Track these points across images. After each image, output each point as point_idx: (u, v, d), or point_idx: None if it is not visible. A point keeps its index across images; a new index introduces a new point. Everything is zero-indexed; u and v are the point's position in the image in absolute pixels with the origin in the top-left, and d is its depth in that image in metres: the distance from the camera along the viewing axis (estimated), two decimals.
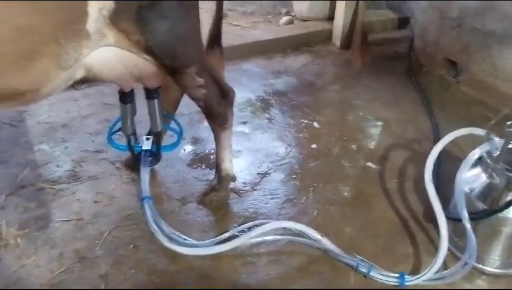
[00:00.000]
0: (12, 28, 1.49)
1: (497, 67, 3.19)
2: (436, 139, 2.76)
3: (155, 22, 1.77)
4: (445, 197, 2.03)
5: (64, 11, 1.57)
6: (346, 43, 4.02)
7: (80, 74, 1.87)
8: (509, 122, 1.75)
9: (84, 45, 1.69)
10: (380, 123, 3.08)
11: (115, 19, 1.69)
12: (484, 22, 3.22)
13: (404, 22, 4.48)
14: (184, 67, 1.97)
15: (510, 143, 1.77)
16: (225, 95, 2.18)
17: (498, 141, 1.84)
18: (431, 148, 1.99)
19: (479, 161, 1.92)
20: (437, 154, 1.95)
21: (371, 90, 3.51)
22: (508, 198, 1.81)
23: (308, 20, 4.37)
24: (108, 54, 1.82)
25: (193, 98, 2.13)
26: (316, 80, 3.66)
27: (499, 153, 1.82)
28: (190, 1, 1.91)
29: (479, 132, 1.91)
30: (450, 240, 2.00)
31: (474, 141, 1.95)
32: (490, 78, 3.25)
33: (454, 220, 1.92)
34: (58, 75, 1.71)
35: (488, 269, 1.97)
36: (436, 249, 1.92)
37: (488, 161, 1.86)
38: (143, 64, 1.92)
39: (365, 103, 3.33)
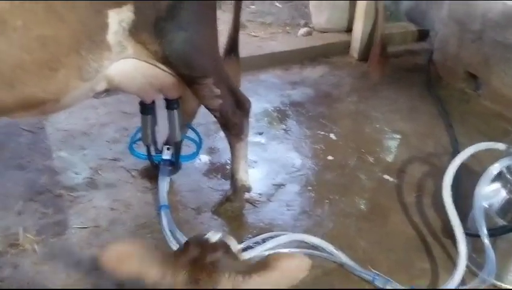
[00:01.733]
0: (36, 37, 1.53)
1: None
2: (455, 153, 2.70)
3: (173, 32, 1.79)
4: (464, 213, 1.99)
5: (85, 22, 1.60)
6: (364, 55, 3.99)
7: (101, 86, 1.90)
8: None
9: (105, 57, 1.71)
10: (397, 136, 3.05)
11: (134, 31, 1.71)
12: (505, 35, 3.17)
13: (424, 35, 4.45)
14: (201, 78, 1.99)
15: None
16: (241, 105, 2.19)
17: None
18: (450, 163, 1.96)
19: (499, 176, 1.88)
20: (456, 168, 1.92)
21: (389, 102, 3.48)
22: None
23: (327, 32, 4.36)
24: (129, 66, 1.85)
25: (209, 109, 2.14)
26: (333, 91, 3.65)
27: None
28: (208, 12, 1.93)
29: (499, 146, 1.88)
30: (468, 256, 1.96)
31: (494, 156, 1.92)
32: (511, 92, 3.19)
33: (472, 236, 1.89)
34: (78, 86, 1.74)
35: (507, 286, 1.92)
36: (454, 265, 1.89)
37: (508, 176, 1.82)
38: (163, 75, 1.94)
39: (383, 115, 3.30)
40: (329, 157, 2.80)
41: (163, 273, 1.12)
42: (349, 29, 4.23)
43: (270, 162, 2.76)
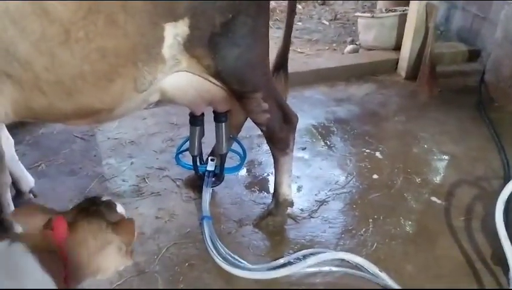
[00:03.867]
0: (96, 48, 1.59)
1: None
2: (507, 178, 2.62)
3: (226, 48, 1.83)
4: None
5: (143, 34, 1.65)
6: (412, 74, 3.93)
7: (154, 98, 1.96)
8: None
9: (160, 70, 1.76)
10: (446, 157, 2.96)
11: (188, 45, 1.76)
12: None
13: (474, 55, 4.33)
14: (251, 92, 2.01)
15: None
16: (288, 120, 2.20)
17: None
18: (501, 187, 1.89)
19: None
20: (509, 193, 1.84)
21: (438, 123, 3.39)
22: None
23: (374, 50, 4.32)
24: (182, 79, 1.90)
25: (257, 123, 2.16)
26: (379, 110, 3.59)
27: None
28: (260, 29, 1.96)
29: None
30: None
31: None
32: None
33: None
34: (132, 97, 1.80)
35: None
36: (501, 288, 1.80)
37: None
38: (214, 89, 1.98)
39: (431, 136, 3.21)
40: (375, 176, 2.75)
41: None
42: (396, 48, 4.17)
43: (313, 178, 2.74)
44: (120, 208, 1.57)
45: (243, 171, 2.78)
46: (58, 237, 1.33)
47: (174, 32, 1.70)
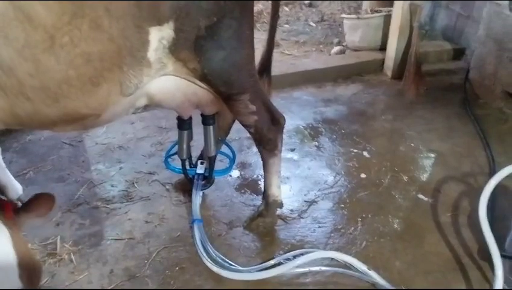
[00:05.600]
0: (81, 54, 1.59)
1: None
2: (492, 173, 2.64)
3: (212, 51, 1.84)
4: (501, 234, 1.93)
5: (128, 38, 1.66)
6: (398, 73, 3.97)
7: (142, 102, 1.96)
8: None
9: (145, 73, 1.77)
10: (433, 155, 2.99)
11: (173, 48, 1.77)
12: None
13: (459, 53, 4.39)
14: (238, 94, 2.02)
15: None
16: (276, 121, 2.21)
17: None
18: (486, 183, 1.91)
19: None
20: (492, 188, 1.87)
21: (425, 121, 3.43)
22: None
23: (360, 50, 4.36)
24: (169, 82, 1.90)
25: (244, 124, 2.17)
26: (367, 109, 3.63)
27: None
28: (245, 31, 1.97)
29: None
30: (506, 280, 1.90)
31: None
32: None
33: (510, 258, 1.82)
34: (119, 101, 1.80)
35: None
36: (490, 288, 1.82)
37: None
38: (201, 92, 1.99)
39: (418, 134, 3.25)
40: (363, 175, 2.77)
41: None
42: (382, 48, 4.22)
43: (302, 178, 2.76)
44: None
45: (233, 174, 2.79)
46: None
47: (159, 35, 1.71)
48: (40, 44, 1.52)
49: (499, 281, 1.75)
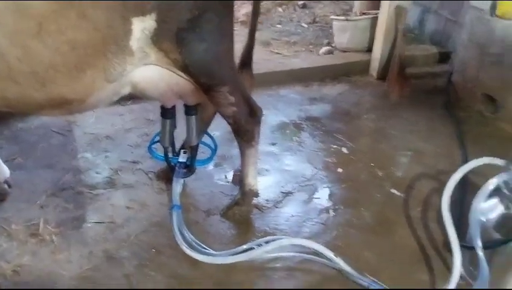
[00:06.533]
0: (67, 41, 1.70)
1: None
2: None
3: (193, 43, 1.94)
4: (467, 227, 2.02)
5: (112, 27, 1.76)
6: (384, 75, 4.06)
7: (126, 90, 2.07)
8: None
9: (129, 61, 1.87)
10: (411, 153, 3.08)
11: (156, 39, 1.87)
12: None
13: (445, 57, 4.47)
14: (218, 86, 2.12)
15: None
16: (254, 113, 2.31)
17: None
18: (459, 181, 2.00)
19: (498, 192, 1.92)
20: (455, 182, 1.98)
21: (408, 122, 3.51)
22: None
23: (348, 51, 4.46)
24: (152, 72, 2.01)
25: (223, 115, 2.27)
26: (351, 109, 3.71)
27: None
28: (226, 26, 2.07)
29: (499, 162, 1.93)
30: (466, 270, 2.00)
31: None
32: None
33: (469, 248, 1.91)
34: (103, 87, 1.90)
35: None
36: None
37: (505, 191, 1.86)
38: (183, 82, 2.09)
39: (400, 134, 3.33)
40: (340, 170, 2.87)
41: None
42: (369, 49, 4.30)
43: (281, 171, 2.85)
44: None
45: (216, 164, 2.88)
46: None
47: (142, 26, 1.81)
48: (29, 31, 1.63)
49: (456, 268, 1.84)
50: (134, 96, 3.41)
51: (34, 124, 3.24)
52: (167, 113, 2.43)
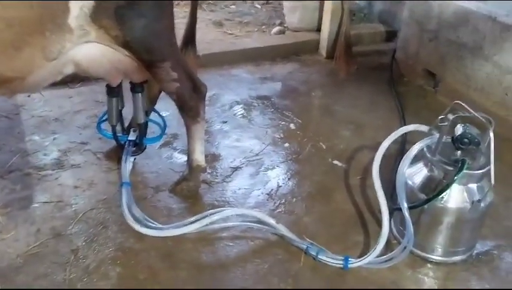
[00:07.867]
0: (2, 19, 1.71)
1: (469, 77, 3.34)
2: (403, 143, 2.90)
3: (133, 19, 1.98)
4: None
5: (49, 5, 1.79)
6: (332, 54, 4.16)
7: (69, 69, 2.09)
8: (440, 117, 1.90)
9: (68, 39, 1.89)
10: (353, 127, 3.23)
11: (94, 16, 1.90)
12: (458, 35, 3.38)
13: (392, 35, 4.64)
14: (159, 62, 2.17)
15: (444, 137, 1.92)
16: (197, 89, 2.37)
17: (437, 136, 1.99)
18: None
19: (423, 156, 2.07)
20: (384, 149, 2.13)
21: (352, 97, 3.67)
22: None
23: (299, 31, 4.55)
24: (94, 50, 2.03)
25: (167, 92, 2.32)
26: (300, 87, 3.83)
27: (434, 146, 1.96)
28: (166, 2, 2.12)
29: (423, 128, 2.07)
30: (398, 231, 2.15)
31: None
32: (463, 88, 3.40)
33: (399, 210, 2.06)
34: (43, 65, 1.92)
35: (431, 257, 2.10)
36: None
37: (428, 154, 2.00)
38: (126, 60, 2.13)
39: (344, 109, 3.48)
40: (286, 145, 2.98)
41: None
42: (319, 29, 4.42)
43: (230, 148, 2.94)
44: None
45: (165, 143, 2.93)
46: None
47: (80, 3, 1.83)
48: None
49: (385, 227, 1.99)
50: (83, 79, 3.43)
51: None
52: (112, 91, 2.46)
